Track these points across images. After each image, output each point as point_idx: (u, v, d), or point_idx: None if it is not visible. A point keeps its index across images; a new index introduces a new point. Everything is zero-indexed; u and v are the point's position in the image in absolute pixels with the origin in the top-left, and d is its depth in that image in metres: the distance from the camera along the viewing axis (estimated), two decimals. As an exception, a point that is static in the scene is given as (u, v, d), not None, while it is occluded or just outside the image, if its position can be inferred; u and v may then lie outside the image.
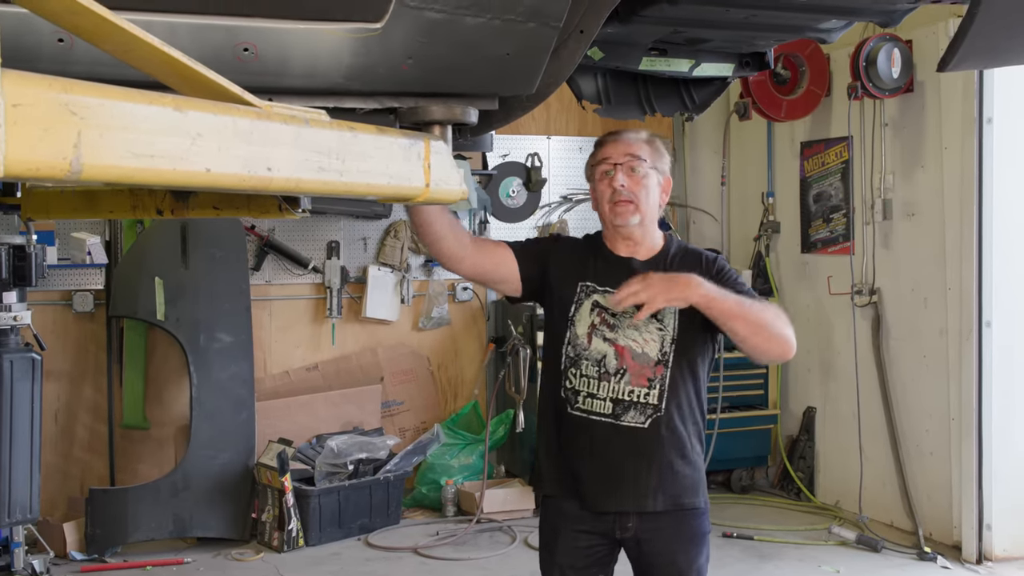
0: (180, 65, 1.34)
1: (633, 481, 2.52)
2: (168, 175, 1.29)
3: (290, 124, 1.49)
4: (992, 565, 4.70)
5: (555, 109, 6.29)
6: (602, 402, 2.52)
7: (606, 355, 2.51)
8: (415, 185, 1.78)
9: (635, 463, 2.51)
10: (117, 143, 1.20)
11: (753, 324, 2.42)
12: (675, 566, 2.57)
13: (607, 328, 2.52)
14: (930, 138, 5.04)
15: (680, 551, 2.56)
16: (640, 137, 2.60)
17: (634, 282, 2.37)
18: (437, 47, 1.80)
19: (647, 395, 2.50)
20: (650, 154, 2.57)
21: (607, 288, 2.53)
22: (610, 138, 2.60)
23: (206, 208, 2.28)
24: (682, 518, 2.56)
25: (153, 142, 1.25)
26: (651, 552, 2.58)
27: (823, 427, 5.80)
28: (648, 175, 2.55)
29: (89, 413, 5.33)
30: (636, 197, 2.52)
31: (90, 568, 4.75)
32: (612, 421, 2.51)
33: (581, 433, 2.55)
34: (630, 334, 2.51)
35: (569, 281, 2.59)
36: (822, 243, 5.74)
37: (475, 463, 5.68)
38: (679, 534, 2.56)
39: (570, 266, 2.61)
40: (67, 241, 5.15)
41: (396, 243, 5.86)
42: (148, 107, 1.25)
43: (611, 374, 2.51)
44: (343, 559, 4.93)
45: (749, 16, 2.48)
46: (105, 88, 1.19)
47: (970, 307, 4.76)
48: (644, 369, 2.50)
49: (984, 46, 2.33)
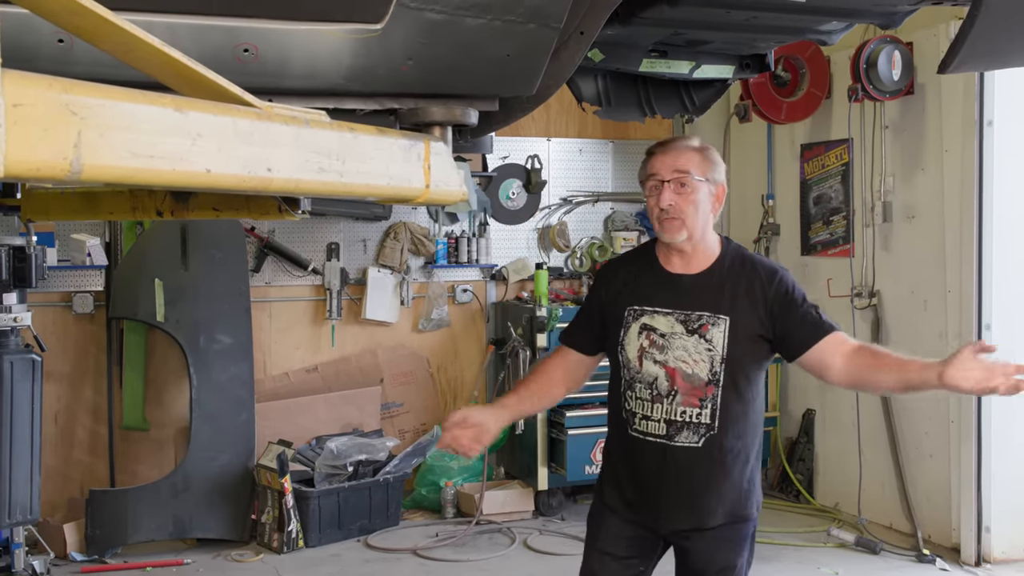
0: (180, 66, 1.35)
1: (688, 500, 2.55)
2: (168, 175, 1.29)
3: (290, 125, 1.49)
4: (991, 567, 4.70)
5: (555, 111, 6.30)
6: (656, 423, 2.53)
7: (657, 377, 2.53)
8: (415, 186, 1.79)
9: (689, 483, 2.53)
10: (117, 143, 1.20)
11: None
12: (715, 564, 2.59)
13: (657, 351, 2.53)
14: (930, 140, 5.04)
15: (725, 551, 2.59)
16: (691, 146, 2.55)
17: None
18: (437, 48, 1.80)
19: (699, 415, 2.50)
20: (699, 165, 2.52)
21: (656, 308, 2.55)
22: (659, 149, 2.55)
23: (206, 209, 2.29)
24: (733, 526, 2.58)
25: (153, 142, 1.26)
26: (694, 550, 2.60)
27: (822, 429, 5.80)
28: (698, 189, 2.51)
29: (89, 414, 5.32)
30: (683, 214, 2.49)
31: (90, 569, 4.75)
32: (666, 442, 2.53)
33: (638, 453, 2.58)
34: (680, 355, 2.51)
35: (619, 307, 2.61)
36: (822, 245, 5.74)
37: (474, 465, 5.68)
38: (727, 539, 2.59)
39: (616, 294, 2.63)
40: (67, 242, 5.15)
41: (396, 245, 5.86)
42: (148, 107, 1.26)
43: (663, 396, 2.52)
44: (343, 560, 4.93)
45: (750, 18, 2.48)
46: (105, 88, 1.20)
47: (970, 310, 4.76)
48: (695, 389, 2.50)
49: (985, 48, 2.33)
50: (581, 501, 5.84)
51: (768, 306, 2.51)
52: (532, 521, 5.51)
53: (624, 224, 6.40)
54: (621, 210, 6.45)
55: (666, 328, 2.53)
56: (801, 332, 2.50)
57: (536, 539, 5.21)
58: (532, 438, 5.60)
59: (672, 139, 2.61)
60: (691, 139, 2.59)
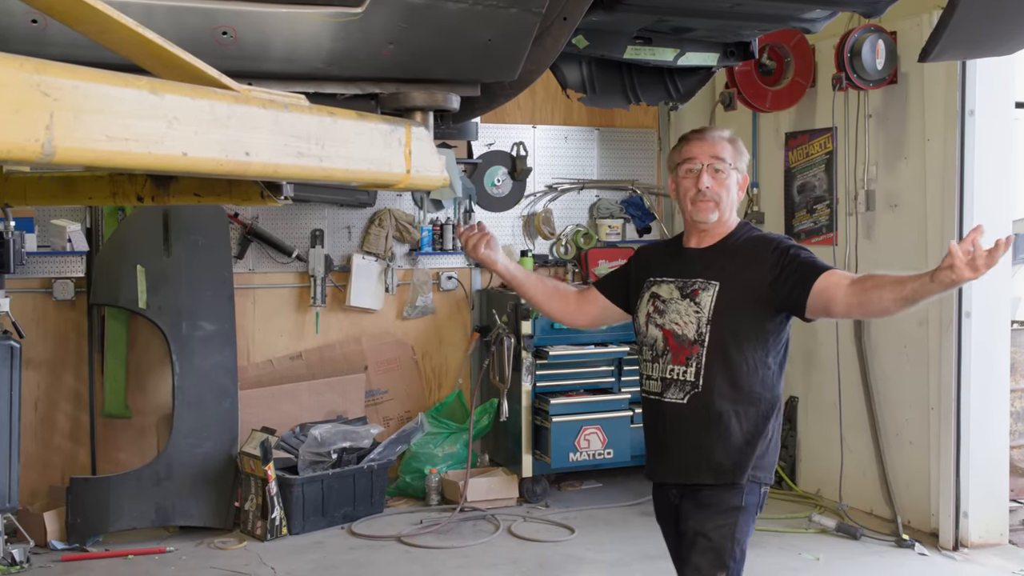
0: (157, 48, 1.33)
1: (677, 455, 2.71)
2: (144, 159, 1.28)
3: (268, 109, 1.48)
4: (968, 551, 4.75)
5: (540, 98, 6.28)
6: (655, 382, 2.75)
7: (656, 339, 2.74)
8: (396, 171, 1.78)
9: (677, 438, 2.71)
10: (92, 126, 1.19)
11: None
12: (699, 525, 2.66)
13: (658, 315, 2.74)
14: (913, 129, 5.06)
15: (710, 514, 2.66)
16: (724, 136, 2.75)
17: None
18: (418, 32, 1.79)
19: (684, 372, 2.67)
20: (732, 154, 2.73)
21: (663, 278, 2.76)
22: (695, 136, 2.75)
23: (187, 194, 2.27)
24: (718, 490, 2.66)
25: (129, 125, 1.24)
26: (684, 511, 2.72)
27: (805, 417, 5.83)
28: (730, 175, 2.72)
29: (70, 402, 5.29)
30: (719, 197, 2.70)
31: (71, 557, 4.72)
32: (659, 398, 2.73)
33: (648, 412, 2.81)
34: (673, 318, 2.70)
35: (641, 279, 2.84)
36: (806, 234, 5.76)
37: (459, 452, 5.69)
38: (712, 505, 2.66)
39: (644, 268, 2.86)
40: (47, 228, 5.11)
41: (380, 231, 5.84)
42: (124, 90, 1.24)
43: (659, 356, 2.73)
44: (326, 547, 4.93)
45: (734, 5, 2.47)
46: (79, 70, 1.18)
47: (950, 298, 4.78)
48: (683, 348, 2.68)
49: (965, 37, 2.34)
50: (565, 488, 5.86)
51: (769, 267, 2.64)
52: (516, 508, 5.52)
53: (609, 212, 6.40)
54: (606, 197, 6.45)
55: (667, 295, 2.74)
56: (798, 277, 2.59)
57: (520, 526, 5.23)
58: (517, 425, 5.61)
59: (706, 128, 2.80)
60: (723, 129, 2.79)
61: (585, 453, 5.53)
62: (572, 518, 5.34)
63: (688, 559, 2.68)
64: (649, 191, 6.46)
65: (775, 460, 2.75)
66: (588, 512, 5.46)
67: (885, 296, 2.44)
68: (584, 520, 5.32)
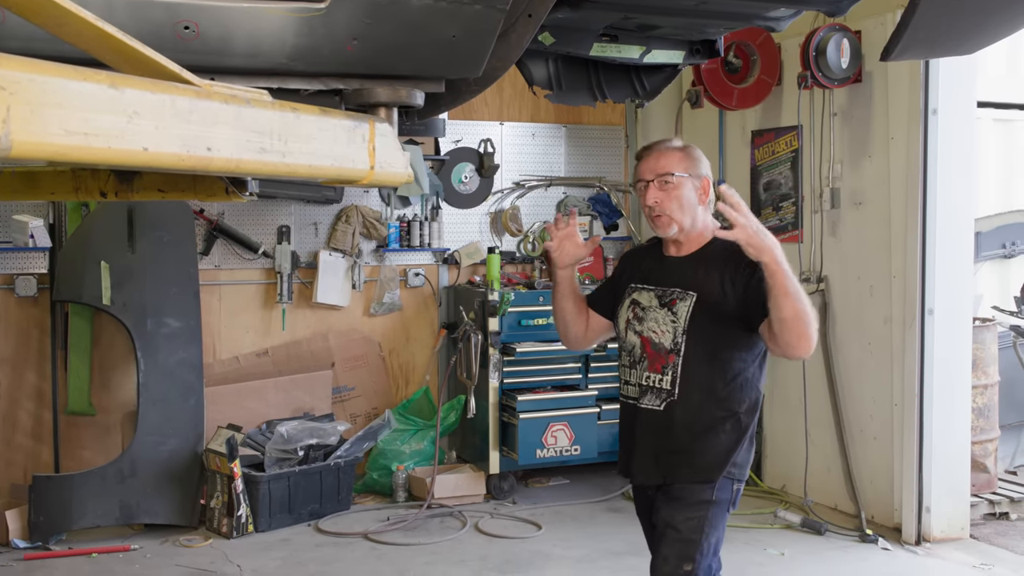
0: (116, 41, 1.32)
1: (653, 459, 2.76)
2: (103, 153, 1.26)
3: (231, 104, 1.47)
4: (930, 546, 4.82)
5: (508, 95, 6.28)
6: (633, 387, 2.80)
7: (635, 345, 2.79)
8: (359, 167, 1.77)
9: (654, 443, 2.75)
10: (49, 120, 1.17)
11: (799, 312, 2.50)
12: (670, 518, 2.72)
13: (637, 321, 2.80)
14: (877, 128, 5.12)
15: (680, 507, 2.71)
16: (671, 147, 2.79)
17: (749, 214, 2.52)
18: (382, 28, 1.79)
19: (660, 380, 2.73)
20: (681, 163, 2.75)
21: (644, 285, 2.82)
22: (644, 152, 2.81)
23: (151, 190, 2.25)
24: (691, 485, 2.72)
25: (88, 120, 1.23)
26: (657, 507, 2.79)
27: (770, 413, 5.89)
28: (681, 185, 2.74)
29: (32, 399, 5.22)
30: (668, 210, 2.73)
31: (33, 556, 4.67)
32: (635, 403, 2.78)
33: (624, 415, 2.88)
34: (650, 326, 2.75)
35: (624, 284, 2.90)
36: (771, 231, 5.80)
37: (426, 449, 5.68)
38: (683, 499, 2.72)
39: (627, 275, 2.92)
40: (8, 224, 5.04)
41: (347, 228, 5.81)
42: (82, 84, 1.23)
43: (637, 362, 2.78)
44: (293, 545, 4.91)
45: (699, 3, 2.50)
46: (36, 63, 1.17)
47: (914, 295, 4.85)
48: (660, 357, 2.73)
49: (926, 36, 2.37)
50: (532, 484, 5.88)
51: (732, 278, 2.67)
52: (483, 505, 5.53)
53: (576, 209, 6.41)
54: (574, 195, 6.47)
55: (646, 302, 2.79)
56: (753, 299, 2.61)
57: (487, 522, 5.23)
58: (484, 422, 5.61)
59: (654, 143, 2.84)
60: (673, 140, 2.84)
61: (552, 450, 5.54)
62: (539, 514, 5.36)
63: (658, 550, 2.75)
64: (616, 188, 6.48)
65: (750, 459, 2.80)
66: (555, 508, 5.48)
67: (775, 306, 2.51)
68: (551, 516, 5.34)
